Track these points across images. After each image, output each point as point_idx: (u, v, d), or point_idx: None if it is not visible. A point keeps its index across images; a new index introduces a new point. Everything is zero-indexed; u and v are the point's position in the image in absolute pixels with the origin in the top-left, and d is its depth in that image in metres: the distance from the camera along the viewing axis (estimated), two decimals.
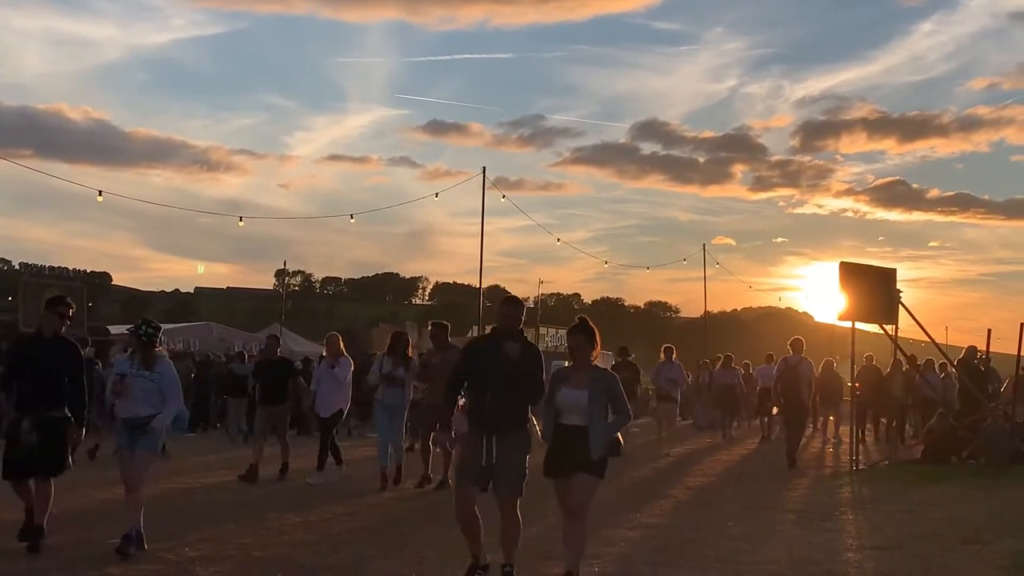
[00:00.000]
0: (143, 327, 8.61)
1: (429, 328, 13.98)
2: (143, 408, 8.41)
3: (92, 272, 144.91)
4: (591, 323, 7.32)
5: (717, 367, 27.58)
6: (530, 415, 7.48)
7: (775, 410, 24.14)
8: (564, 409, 7.11)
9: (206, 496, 12.42)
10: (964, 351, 19.63)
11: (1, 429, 10.15)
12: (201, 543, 8.88)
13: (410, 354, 13.59)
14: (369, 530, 9.83)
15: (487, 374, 7.26)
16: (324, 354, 15.47)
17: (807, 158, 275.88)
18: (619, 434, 7.21)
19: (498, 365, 7.22)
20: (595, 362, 7.36)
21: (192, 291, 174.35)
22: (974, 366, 19.04)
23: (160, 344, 8.74)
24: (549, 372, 7.48)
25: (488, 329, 12.86)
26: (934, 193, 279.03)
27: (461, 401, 12.28)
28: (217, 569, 7.85)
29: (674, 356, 20.24)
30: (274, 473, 13.92)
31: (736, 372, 26.17)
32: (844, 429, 23.00)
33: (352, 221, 37.47)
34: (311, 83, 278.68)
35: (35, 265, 34.40)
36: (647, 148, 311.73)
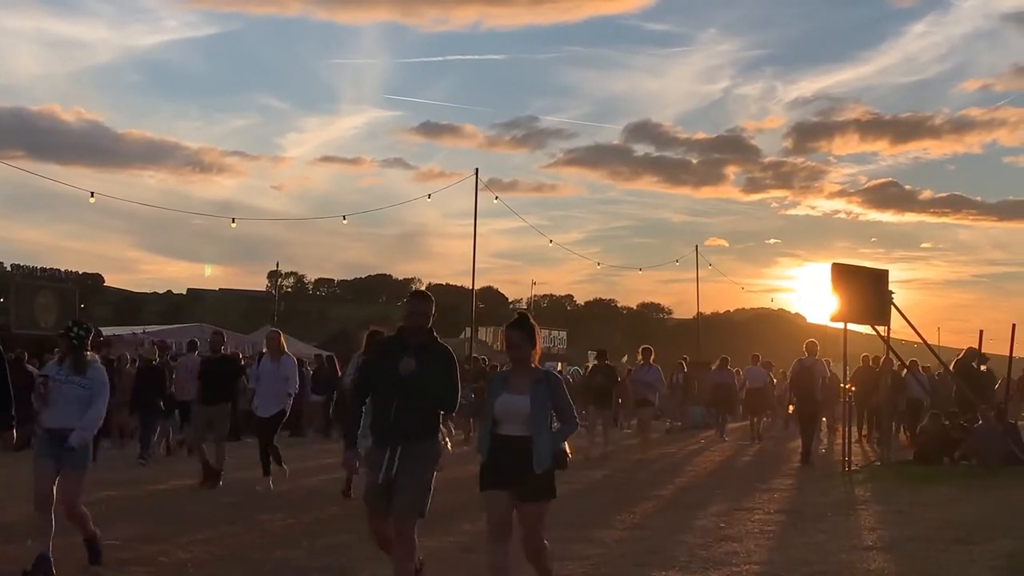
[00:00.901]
0: (74, 329, 7.94)
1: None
2: (71, 419, 7.69)
3: (84, 273, 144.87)
4: (531, 319, 6.53)
5: (713, 368, 28.03)
6: (441, 425, 6.86)
7: (791, 408, 24.75)
8: (502, 418, 6.28)
9: (200, 498, 12.41)
10: (963, 352, 19.51)
11: None
12: (194, 544, 8.88)
13: None
14: (364, 532, 9.81)
15: (392, 379, 6.46)
16: (264, 351, 14.50)
17: (800, 159, 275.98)
18: (566, 444, 6.40)
19: (410, 370, 6.44)
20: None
21: (185, 292, 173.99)
22: (973, 368, 18.97)
23: (90, 348, 8.09)
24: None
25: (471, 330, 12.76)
26: (927, 194, 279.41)
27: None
28: (211, 571, 7.85)
29: (652, 358, 19.56)
30: (256, 476, 13.33)
31: (731, 373, 26.48)
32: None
33: (345, 222, 37.62)
34: (304, 84, 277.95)
35: (27, 267, 34.41)
36: (640, 149, 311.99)
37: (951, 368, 19.45)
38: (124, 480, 13.98)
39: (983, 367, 19.30)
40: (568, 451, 6.40)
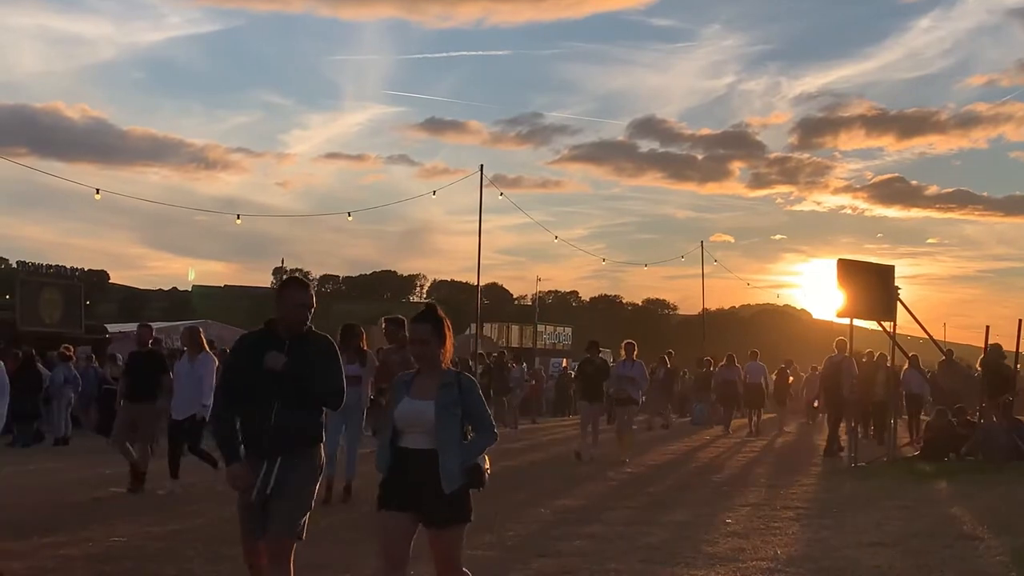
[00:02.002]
0: None
1: (383, 325, 12.70)
2: None
3: (89, 270, 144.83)
4: (439, 310, 5.58)
5: (719, 365, 28.39)
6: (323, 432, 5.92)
7: (816, 403, 25.16)
8: (404, 427, 5.35)
9: (198, 491, 12.40)
10: (987, 350, 19.36)
11: None
12: (198, 541, 8.87)
13: (364, 347, 12.10)
14: (362, 528, 9.80)
15: (265, 379, 5.60)
16: (184, 348, 13.71)
17: (805, 155, 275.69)
18: (485, 458, 5.42)
19: (280, 367, 5.62)
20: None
21: (189, 289, 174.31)
22: (1005, 365, 18.85)
23: None
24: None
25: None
26: (932, 190, 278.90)
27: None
28: (214, 568, 7.85)
29: (635, 354, 18.24)
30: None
31: (737, 370, 26.76)
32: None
33: (350, 219, 37.70)
34: (308, 81, 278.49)
35: (32, 264, 34.40)
36: (645, 145, 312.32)
37: (978, 366, 19.30)
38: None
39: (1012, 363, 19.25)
40: (486, 466, 5.41)
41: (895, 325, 17.80)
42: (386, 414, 5.64)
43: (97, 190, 28.91)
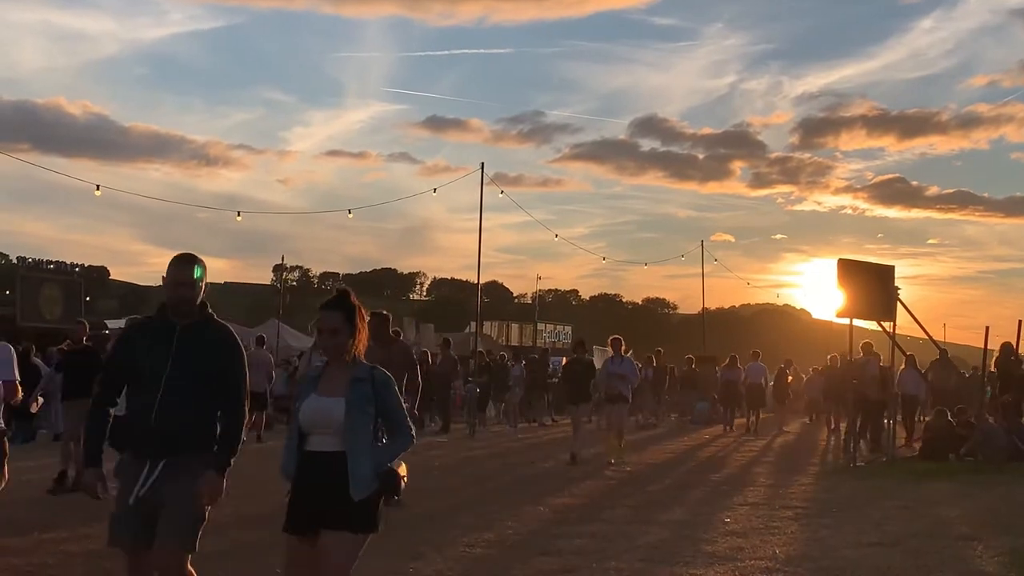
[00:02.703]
0: None
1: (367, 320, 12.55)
2: None
3: (90, 266, 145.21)
4: (352, 297, 4.97)
5: (722, 366, 28.77)
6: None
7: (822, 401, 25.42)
8: (310, 427, 4.76)
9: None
10: (999, 349, 19.33)
11: None
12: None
13: None
14: None
15: (152, 369, 4.98)
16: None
17: (806, 155, 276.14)
18: (401, 463, 4.88)
19: (169, 355, 4.99)
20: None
21: None
22: (1012, 363, 18.84)
23: None
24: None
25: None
26: (933, 190, 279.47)
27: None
28: (222, 565, 7.85)
29: (623, 349, 17.56)
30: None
31: (739, 371, 27.03)
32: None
33: (350, 216, 37.45)
34: (310, 78, 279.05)
35: (33, 259, 34.45)
36: (646, 144, 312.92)
37: (993, 367, 19.29)
38: None
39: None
40: (403, 472, 4.86)
41: (895, 325, 17.81)
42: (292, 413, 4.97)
43: (98, 186, 28.84)
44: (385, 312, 11.57)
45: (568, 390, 17.89)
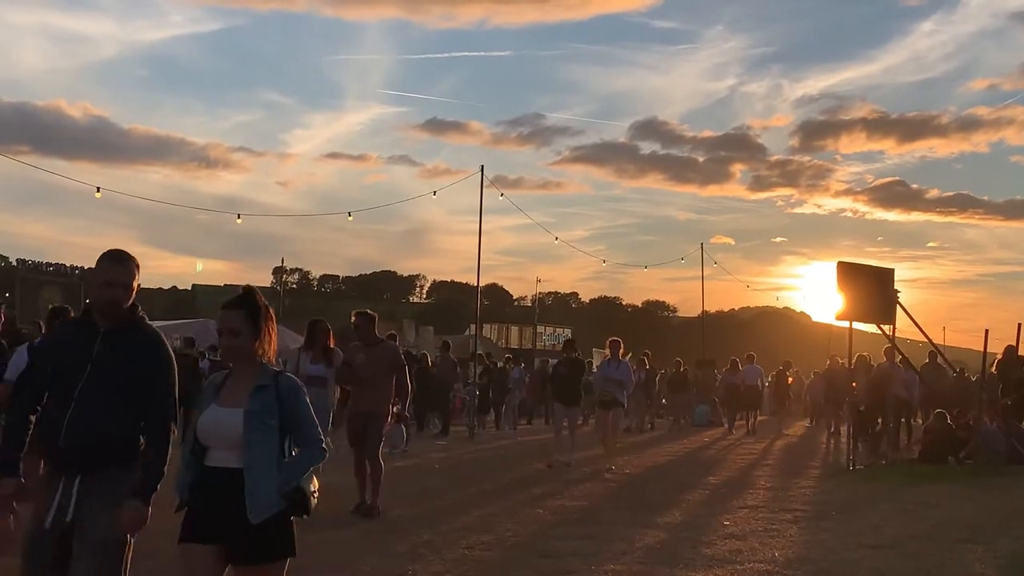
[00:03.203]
0: None
1: (352, 319, 11.20)
2: None
3: (89, 268, 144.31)
4: (257, 296, 4.52)
5: (724, 370, 29.34)
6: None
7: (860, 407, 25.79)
8: (208, 441, 4.27)
9: None
10: (1002, 352, 19.34)
11: None
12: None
13: (332, 346, 11.17)
14: (361, 527, 9.82)
15: (69, 375, 4.50)
16: None
17: (806, 158, 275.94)
18: (312, 478, 4.40)
19: (88, 362, 4.51)
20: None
21: (190, 288, 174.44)
22: (1014, 367, 18.84)
23: None
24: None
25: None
26: (933, 193, 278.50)
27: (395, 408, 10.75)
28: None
29: (621, 352, 16.94)
30: None
31: (741, 374, 27.34)
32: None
33: (350, 219, 37.64)
34: (310, 81, 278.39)
35: (32, 261, 34.42)
36: (646, 147, 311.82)
37: (994, 369, 19.30)
38: None
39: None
40: (313, 489, 4.39)
41: (894, 328, 17.82)
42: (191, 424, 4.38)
43: (98, 188, 28.87)
44: (370, 312, 11.26)
45: (556, 391, 17.33)
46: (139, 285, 4.69)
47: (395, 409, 10.89)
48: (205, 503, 4.23)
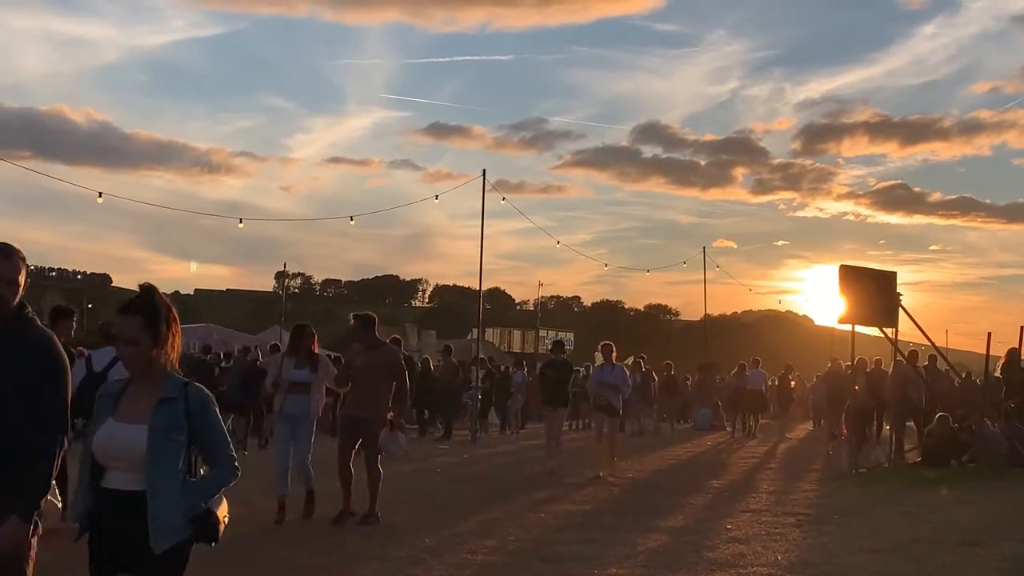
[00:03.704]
0: None
1: (351, 321, 10.92)
2: None
3: (92, 274, 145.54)
4: (157, 295, 3.97)
5: (731, 374, 29.69)
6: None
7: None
8: (106, 460, 3.83)
9: None
10: (1005, 355, 19.31)
11: None
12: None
13: (315, 350, 10.75)
14: (362, 532, 9.82)
15: None
16: None
17: (808, 161, 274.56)
18: (222, 500, 3.95)
19: None
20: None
21: (192, 293, 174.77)
22: (1016, 370, 18.81)
23: None
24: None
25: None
26: (935, 196, 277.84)
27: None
28: (232, 568, 7.86)
29: (614, 356, 16.29)
30: None
31: (747, 379, 27.59)
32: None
33: (352, 223, 37.39)
34: (311, 85, 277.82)
35: (35, 267, 34.46)
36: (648, 151, 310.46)
37: (998, 373, 19.28)
38: None
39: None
40: (222, 513, 3.92)
41: (897, 331, 17.81)
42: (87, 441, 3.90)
43: (100, 193, 28.90)
44: (370, 313, 10.89)
45: (543, 394, 16.64)
46: (28, 281, 4.29)
47: (390, 415, 10.44)
48: (103, 529, 3.80)
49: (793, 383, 30.30)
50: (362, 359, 10.39)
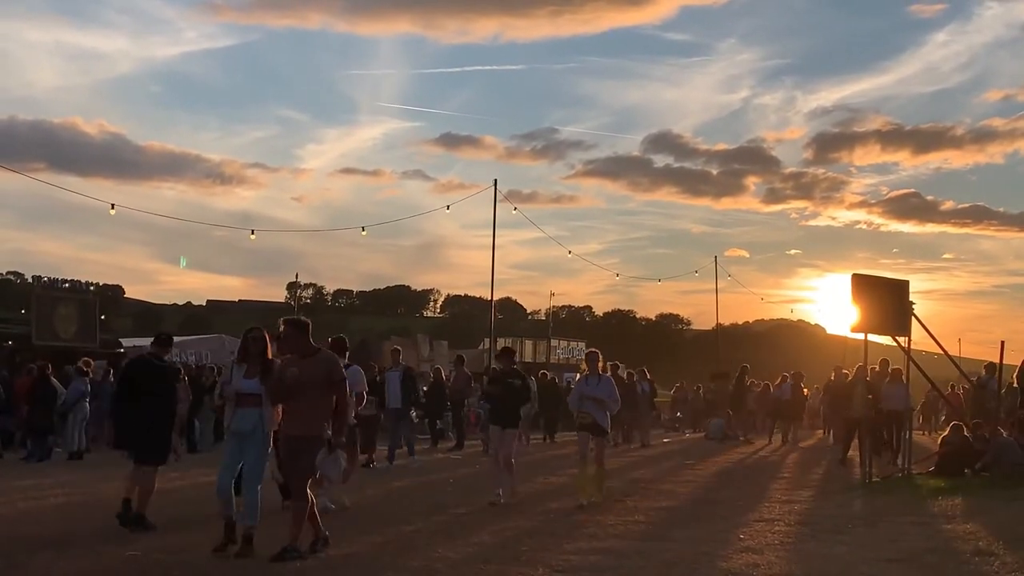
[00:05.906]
0: None
1: (281, 328, 9.31)
2: None
3: (104, 285, 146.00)
4: None
5: (776, 384, 30.37)
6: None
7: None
8: None
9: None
10: (1021, 364, 19.23)
11: None
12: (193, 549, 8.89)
13: (269, 356, 9.35)
14: (376, 543, 9.82)
15: None
16: None
17: (820, 170, 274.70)
18: None
19: None
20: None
21: (204, 304, 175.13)
22: None
23: None
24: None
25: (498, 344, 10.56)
26: (948, 205, 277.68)
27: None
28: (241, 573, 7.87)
29: (601, 366, 13.83)
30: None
31: (781, 389, 29.22)
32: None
33: (364, 234, 37.58)
34: (323, 96, 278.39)
35: (48, 278, 34.54)
36: (660, 160, 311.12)
37: (1015, 381, 19.20)
38: None
39: None
40: None
41: (910, 340, 17.75)
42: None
43: (113, 205, 29.11)
44: (305, 319, 9.41)
45: (489, 410, 14.85)
46: None
47: (327, 435, 8.83)
48: None
49: (806, 391, 30.47)
50: (295, 370, 8.92)
